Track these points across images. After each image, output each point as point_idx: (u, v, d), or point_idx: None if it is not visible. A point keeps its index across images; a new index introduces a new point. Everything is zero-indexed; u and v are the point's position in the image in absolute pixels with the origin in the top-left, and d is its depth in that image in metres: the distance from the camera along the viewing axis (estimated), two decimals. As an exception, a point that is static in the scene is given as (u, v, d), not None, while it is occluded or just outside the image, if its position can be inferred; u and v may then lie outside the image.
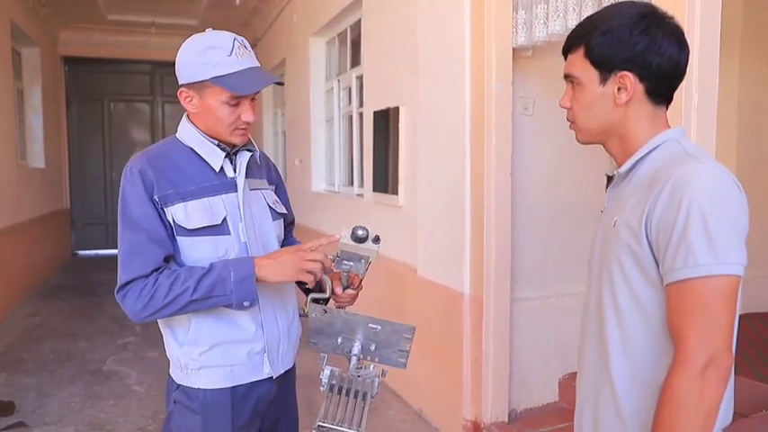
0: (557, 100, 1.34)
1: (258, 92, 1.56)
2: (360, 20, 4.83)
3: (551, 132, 3.24)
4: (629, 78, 1.20)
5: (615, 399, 1.22)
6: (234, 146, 1.63)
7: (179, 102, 1.59)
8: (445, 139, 3.40)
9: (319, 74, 6.16)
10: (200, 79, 1.50)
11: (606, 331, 1.23)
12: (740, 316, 3.83)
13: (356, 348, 1.47)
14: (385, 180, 4.24)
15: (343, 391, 1.41)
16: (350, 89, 5.40)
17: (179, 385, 1.62)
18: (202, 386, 1.59)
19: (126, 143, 10.32)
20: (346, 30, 5.48)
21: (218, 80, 1.49)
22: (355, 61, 5.26)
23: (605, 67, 1.22)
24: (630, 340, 1.20)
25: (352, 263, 1.55)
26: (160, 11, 8.55)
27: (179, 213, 1.52)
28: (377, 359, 1.50)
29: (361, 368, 1.45)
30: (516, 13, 2.97)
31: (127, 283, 1.49)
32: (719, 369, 1.07)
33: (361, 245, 1.52)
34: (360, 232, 1.50)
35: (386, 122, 4.17)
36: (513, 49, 3.02)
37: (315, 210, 6.17)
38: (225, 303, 1.50)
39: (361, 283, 1.67)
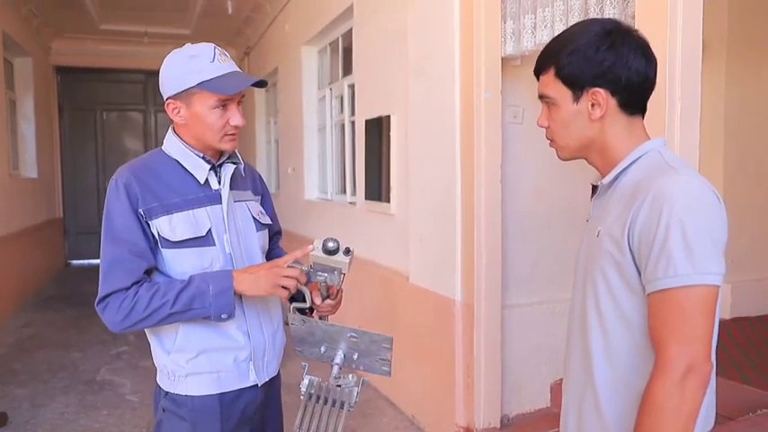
0: (546, 108, 1.37)
1: (243, 95, 1.60)
2: (351, 29, 4.87)
3: (540, 140, 3.22)
4: (601, 94, 1.23)
5: (598, 405, 1.24)
6: (219, 157, 1.66)
7: None
8: (436, 148, 3.43)
9: (311, 82, 6.19)
10: (186, 87, 1.53)
11: (590, 339, 1.26)
12: (730, 320, 3.84)
13: (339, 357, 1.48)
14: (377, 188, 4.27)
15: (321, 401, 1.42)
16: (342, 97, 5.43)
17: (167, 393, 1.64)
18: (190, 393, 1.61)
19: (119, 152, 10.31)
20: (338, 38, 5.51)
21: (204, 85, 1.52)
22: (347, 70, 5.29)
23: (577, 86, 1.24)
24: (613, 348, 1.22)
25: (326, 274, 1.55)
26: (153, 20, 8.57)
27: (164, 226, 1.55)
28: (361, 367, 1.51)
29: (341, 377, 1.46)
30: (505, 23, 3.01)
31: (107, 296, 1.51)
32: (699, 376, 1.09)
33: (331, 257, 1.51)
34: (330, 244, 1.50)
35: (377, 131, 4.20)
36: (502, 59, 3.05)
37: (308, 218, 6.19)
38: (203, 316, 1.53)
39: (339, 293, 1.68)
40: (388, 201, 4.08)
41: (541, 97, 1.32)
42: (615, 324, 1.21)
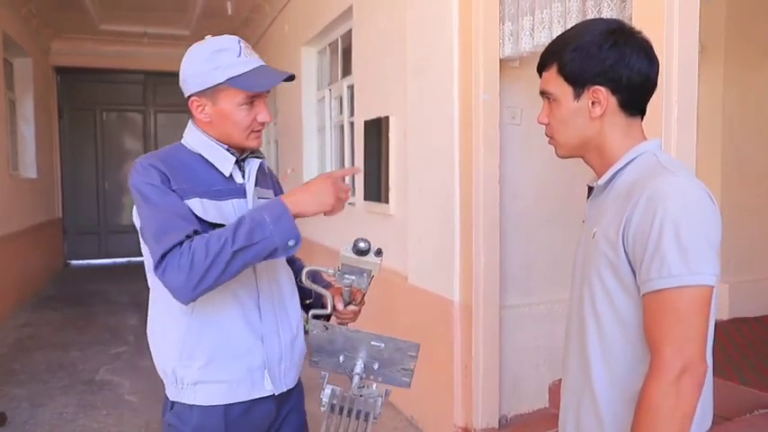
0: (544, 109, 1.38)
1: (269, 90, 1.53)
2: (350, 30, 4.88)
3: (538, 141, 3.25)
4: (602, 92, 1.24)
5: (595, 405, 1.25)
6: (243, 151, 1.59)
7: (171, 111, 1.56)
8: (434, 149, 3.44)
9: (311, 83, 6.20)
10: (213, 84, 1.47)
11: (587, 339, 1.26)
12: (728, 320, 3.82)
13: (359, 367, 1.40)
14: (376, 189, 4.27)
15: (345, 412, 1.35)
16: (341, 98, 5.44)
17: (173, 404, 1.54)
18: (198, 402, 1.51)
19: (118, 153, 10.34)
20: (337, 39, 5.52)
21: (232, 81, 1.46)
22: (346, 71, 5.30)
23: (578, 83, 1.25)
24: (610, 348, 1.23)
25: (353, 277, 1.49)
26: (152, 21, 8.57)
27: (196, 206, 1.46)
28: (380, 378, 1.43)
29: (364, 387, 1.39)
30: (503, 24, 3.02)
31: (163, 257, 1.37)
32: (694, 376, 1.10)
33: (362, 258, 1.46)
34: (361, 245, 1.45)
35: (376, 132, 4.21)
36: (501, 60, 3.06)
37: (306, 218, 6.18)
38: (270, 248, 1.38)
39: (363, 297, 1.61)
40: (387, 201, 4.09)
41: (543, 94, 1.33)
42: (612, 325, 1.22)
